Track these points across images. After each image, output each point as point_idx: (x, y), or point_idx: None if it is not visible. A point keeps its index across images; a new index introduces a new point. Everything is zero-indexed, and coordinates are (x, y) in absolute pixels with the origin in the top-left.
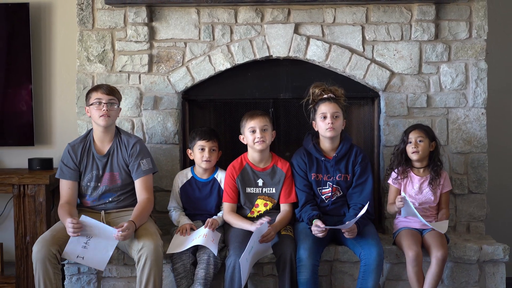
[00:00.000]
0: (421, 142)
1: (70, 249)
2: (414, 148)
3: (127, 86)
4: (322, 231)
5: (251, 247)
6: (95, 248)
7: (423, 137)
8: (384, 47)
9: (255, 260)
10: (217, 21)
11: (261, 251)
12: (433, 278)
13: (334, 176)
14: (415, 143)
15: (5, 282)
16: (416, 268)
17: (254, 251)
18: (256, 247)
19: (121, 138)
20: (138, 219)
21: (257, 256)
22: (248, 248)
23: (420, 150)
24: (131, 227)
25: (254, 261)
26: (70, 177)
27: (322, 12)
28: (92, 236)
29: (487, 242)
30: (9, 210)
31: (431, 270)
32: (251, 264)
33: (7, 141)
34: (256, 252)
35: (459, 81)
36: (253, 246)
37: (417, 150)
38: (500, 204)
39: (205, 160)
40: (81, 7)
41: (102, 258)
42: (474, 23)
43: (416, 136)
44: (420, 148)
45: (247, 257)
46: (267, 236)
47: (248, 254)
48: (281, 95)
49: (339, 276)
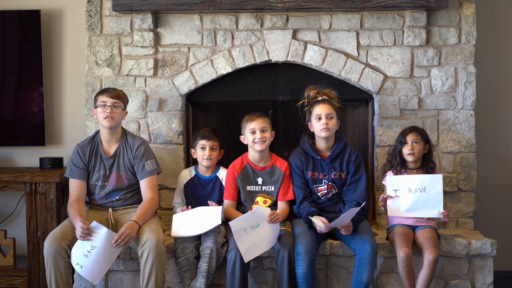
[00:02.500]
0: (416, 144)
1: (74, 252)
2: (410, 150)
3: (133, 89)
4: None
5: (249, 217)
6: (96, 260)
7: (419, 139)
8: (378, 52)
9: (260, 243)
10: (219, 27)
11: (268, 234)
12: (425, 280)
13: (329, 174)
14: (411, 145)
15: (18, 275)
16: (407, 268)
17: (260, 230)
18: (264, 227)
19: (127, 140)
20: (141, 218)
21: (262, 238)
22: (244, 217)
23: (416, 152)
24: (130, 229)
25: (259, 242)
26: (79, 176)
27: (318, 19)
28: (96, 246)
29: (475, 237)
30: (21, 207)
31: (424, 272)
32: (254, 241)
33: (20, 141)
34: (263, 233)
35: (449, 84)
36: (259, 223)
37: (413, 152)
38: (488, 201)
39: (206, 158)
40: (90, 14)
41: (99, 271)
42: (463, 29)
43: (413, 139)
44: (416, 150)
45: (245, 226)
46: (273, 215)
47: (247, 223)
48: (280, 98)
49: (335, 269)
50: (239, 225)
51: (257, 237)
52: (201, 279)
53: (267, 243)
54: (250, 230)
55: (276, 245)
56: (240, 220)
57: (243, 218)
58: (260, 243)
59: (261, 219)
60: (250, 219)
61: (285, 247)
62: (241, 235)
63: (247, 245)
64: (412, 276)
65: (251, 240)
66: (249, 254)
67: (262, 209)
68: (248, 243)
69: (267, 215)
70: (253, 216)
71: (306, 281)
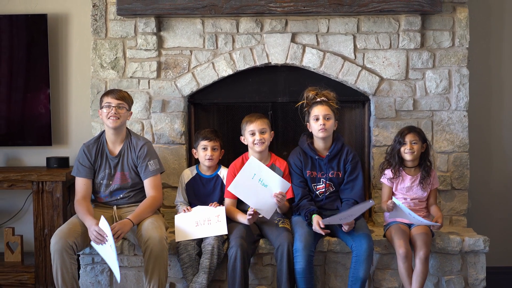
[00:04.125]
0: (415, 144)
1: (106, 258)
2: (409, 149)
3: (137, 90)
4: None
5: (244, 171)
6: (104, 255)
7: (417, 139)
8: (374, 55)
9: (264, 209)
10: (220, 30)
11: (268, 204)
12: (419, 276)
13: (327, 173)
14: (410, 145)
15: (25, 271)
16: (406, 264)
17: (263, 196)
18: (267, 195)
19: (131, 140)
20: (137, 217)
21: (263, 202)
22: (241, 175)
23: (415, 151)
24: (121, 226)
25: (262, 205)
26: (85, 175)
27: (317, 23)
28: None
29: (468, 234)
30: (28, 205)
31: (416, 269)
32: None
33: (27, 141)
34: (263, 200)
35: (443, 86)
36: (260, 180)
37: (412, 151)
38: (480, 199)
39: (208, 159)
40: (95, 18)
41: (114, 267)
42: (457, 33)
43: (411, 139)
44: (414, 149)
45: (245, 180)
46: (278, 194)
47: (245, 177)
48: (279, 99)
49: (332, 265)
50: (238, 183)
51: (261, 198)
52: (203, 275)
53: (268, 209)
54: (253, 182)
55: (275, 242)
56: (236, 179)
57: (241, 176)
58: (261, 202)
59: (259, 171)
60: (245, 172)
61: (284, 244)
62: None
63: (254, 200)
64: (411, 273)
65: (256, 195)
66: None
67: (255, 160)
68: (254, 199)
69: (262, 166)
70: (247, 168)
71: (304, 276)
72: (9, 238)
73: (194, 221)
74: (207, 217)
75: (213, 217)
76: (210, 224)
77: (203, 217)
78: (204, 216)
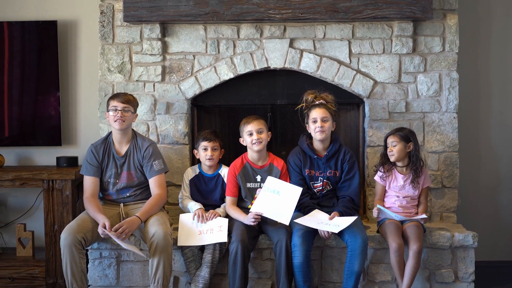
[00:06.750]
0: (394, 146)
1: None
2: (390, 151)
3: (143, 93)
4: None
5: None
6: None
7: (396, 141)
8: (368, 59)
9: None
10: (222, 36)
11: (284, 210)
12: (412, 269)
13: (325, 172)
14: (390, 147)
15: (36, 265)
16: (399, 257)
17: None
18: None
19: (137, 141)
20: (145, 214)
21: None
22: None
23: (395, 152)
24: (129, 224)
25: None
26: (93, 173)
27: (313, 29)
28: None
29: (458, 230)
30: (39, 202)
31: (409, 262)
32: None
33: (38, 142)
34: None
35: (433, 89)
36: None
37: (392, 153)
38: (469, 196)
39: (208, 159)
40: (103, 24)
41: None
42: (447, 38)
43: (391, 141)
44: (394, 151)
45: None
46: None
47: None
48: (278, 102)
49: (328, 260)
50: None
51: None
52: (206, 268)
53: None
54: (269, 195)
55: (274, 237)
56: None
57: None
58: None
59: (271, 184)
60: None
61: (282, 239)
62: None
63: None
64: (403, 266)
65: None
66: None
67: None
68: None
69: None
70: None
71: (302, 270)
72: (21, 233)
73: (198, 230)
74: (210, 227)
75: (216, 227)
76: (212, 233)
77: (206, 227)
78: (208, 226)
